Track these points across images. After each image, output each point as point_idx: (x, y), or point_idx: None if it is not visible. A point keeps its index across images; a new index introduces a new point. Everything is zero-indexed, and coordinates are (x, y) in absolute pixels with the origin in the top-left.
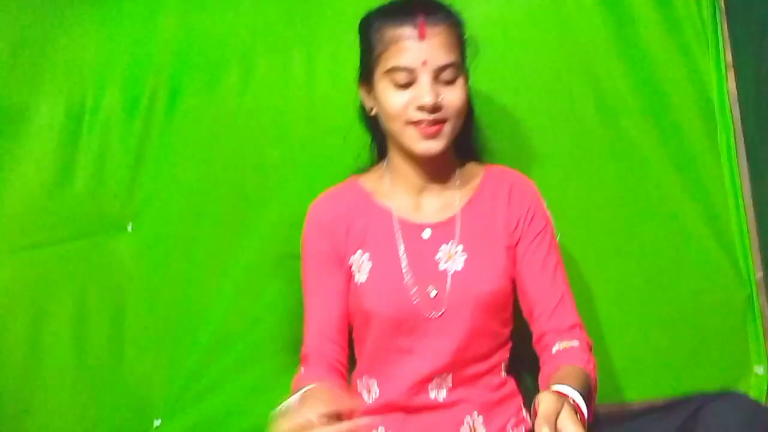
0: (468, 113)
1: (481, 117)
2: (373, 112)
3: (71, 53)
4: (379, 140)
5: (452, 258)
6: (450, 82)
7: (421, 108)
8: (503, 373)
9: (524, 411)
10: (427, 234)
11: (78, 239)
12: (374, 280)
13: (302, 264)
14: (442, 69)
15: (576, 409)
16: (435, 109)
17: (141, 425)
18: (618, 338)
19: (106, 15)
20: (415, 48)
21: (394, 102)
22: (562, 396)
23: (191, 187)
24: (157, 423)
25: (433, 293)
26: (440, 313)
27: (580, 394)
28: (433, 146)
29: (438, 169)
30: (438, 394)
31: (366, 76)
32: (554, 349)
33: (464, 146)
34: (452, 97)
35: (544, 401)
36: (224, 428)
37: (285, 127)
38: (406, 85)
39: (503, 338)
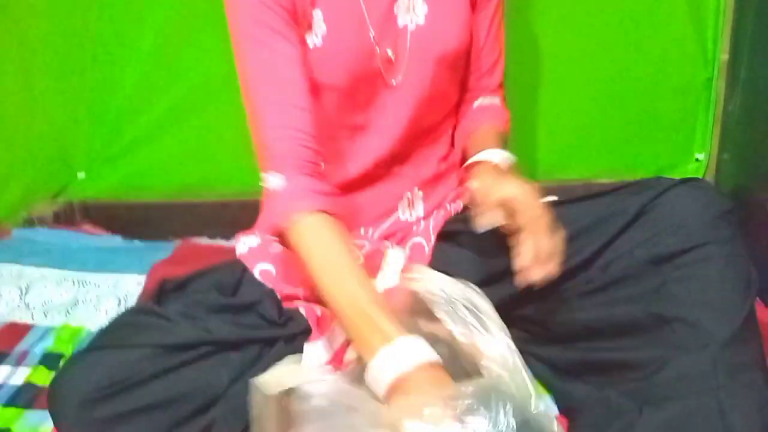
0: None
1: None
2: None
3: None
4: None
5: (411, 11)
6: None
7: None
8: (448, 144)
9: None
10: None
11: None
12: (333, 43)
13: (235, 20)
14: None
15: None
16: None
17: (64, 178)
18: (561, 111)
19: None
20: None
21: None
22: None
23: None
24: (80, 176)
25: (391, 54)
26: (399, 77)
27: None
28: None
29: None
30: (384, 169)
31: None
32: (475, 104)
33: None
34: None
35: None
36: (151, 183)
37: None
38: None
39: (454, 103)
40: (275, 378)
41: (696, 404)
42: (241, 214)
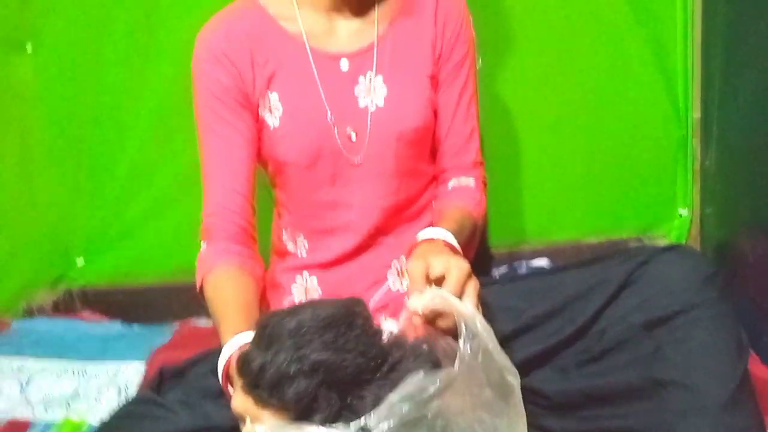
0: None
1: None
2: None
3: None
4: None
5: (372, 92)
6: None
7: None
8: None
9: None
10: (345, 65)
11: None
12: (288, 123)
13: (196, 107)
14: None
15: (448, 246)
16: None
17: (62, 264)
18: (545, 175)
19: None
20: None
21: None
22: (432, 240)
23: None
24: (79, 262)
25: (353, 135)
26: (361, 157)
27: (453, 234)
28: None
29: None
30: (369, 241)
31: None
32: (449, 185)
33: None
34: None
35: (417, 248)
36: (150, 267)
37: None
38: None
39: (430, 175)
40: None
41: None
42: None
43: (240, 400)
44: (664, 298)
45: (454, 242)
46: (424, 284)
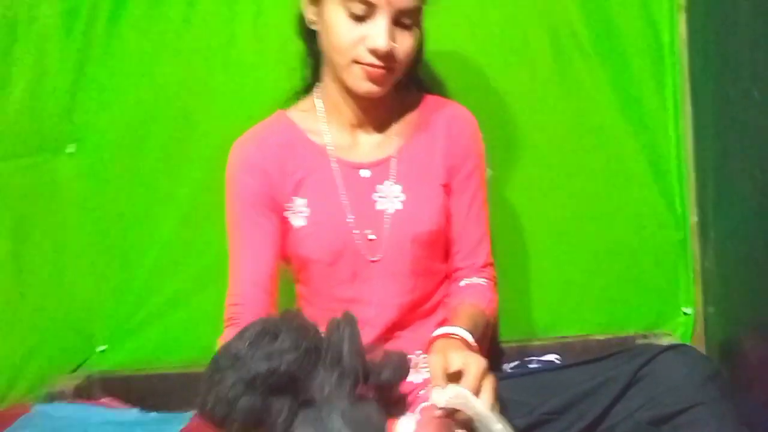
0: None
1: (436, 56)
2: (313, 27)
3: None
4: (314, 56)
5: (390, 198)
6: (407, 27)
7: (372, 51)
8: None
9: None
10: (365, 173)
11: (16, 159)
12: (313, 224)
13: (228, 208)
14: (404, 12)
15: (464, 342)
16: (387, 56)
17: (85, 350)
18: (553, 275)
19: None
20: None
21: (344, 34)
22: (449, 336)
23: (134, 107)
24: (100, 348)
25: (371, 236)
26: (379, 256)
27: (469, 331)
28: (376, 90)
29: (375, 105)
30: (386, 335)
31: None
32: (462, 283)
33: (407, 75)
34: (405, 45)
35: (435, 344)
36: (169, 355)
37: (233, 48)
38: (362, 18)
39: (444, 274)
40: None
41: None
42: None
43: None
44: (668, 396)
45: (470, 339)
46: (444, 379)
